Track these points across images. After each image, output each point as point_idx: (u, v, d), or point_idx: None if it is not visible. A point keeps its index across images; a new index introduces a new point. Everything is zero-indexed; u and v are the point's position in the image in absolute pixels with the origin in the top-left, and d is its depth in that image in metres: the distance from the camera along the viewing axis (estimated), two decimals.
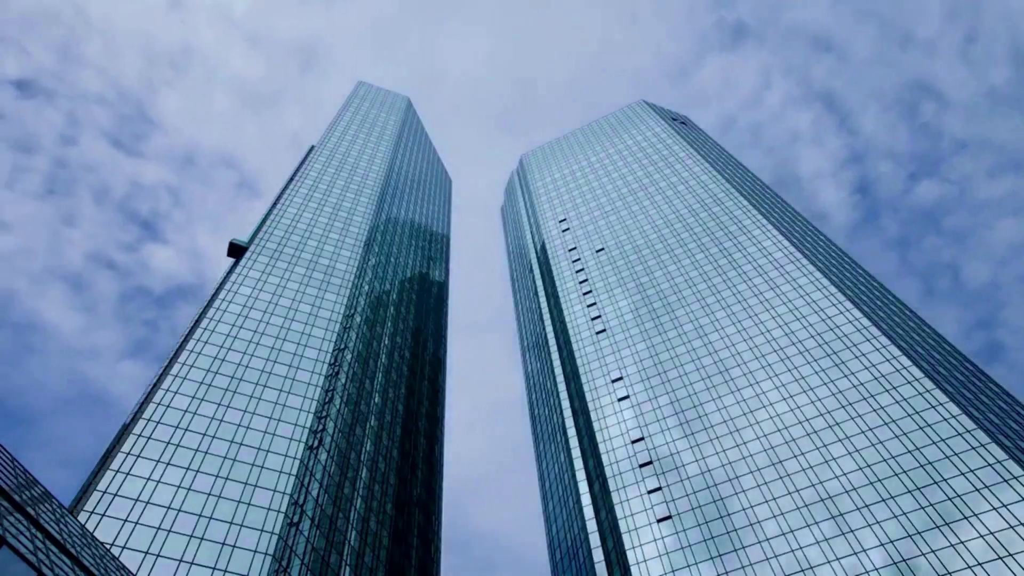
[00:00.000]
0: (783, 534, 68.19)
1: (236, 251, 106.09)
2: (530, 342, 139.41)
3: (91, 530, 56.48)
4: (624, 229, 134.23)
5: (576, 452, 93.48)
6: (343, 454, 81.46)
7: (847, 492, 68.85)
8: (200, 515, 61.85)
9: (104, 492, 60.30)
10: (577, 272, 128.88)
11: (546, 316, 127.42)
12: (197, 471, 66.02)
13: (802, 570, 64.29)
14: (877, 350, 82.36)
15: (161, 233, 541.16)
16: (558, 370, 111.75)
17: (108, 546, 55.51)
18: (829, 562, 63.71)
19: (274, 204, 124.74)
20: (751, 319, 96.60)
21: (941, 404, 72.42)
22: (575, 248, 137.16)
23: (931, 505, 63.87)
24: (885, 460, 69.83)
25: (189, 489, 63.88)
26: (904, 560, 60.82)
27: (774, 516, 70.29)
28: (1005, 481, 62.72)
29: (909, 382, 76.56)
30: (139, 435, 67.28)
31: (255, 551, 60.56)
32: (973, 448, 66.72)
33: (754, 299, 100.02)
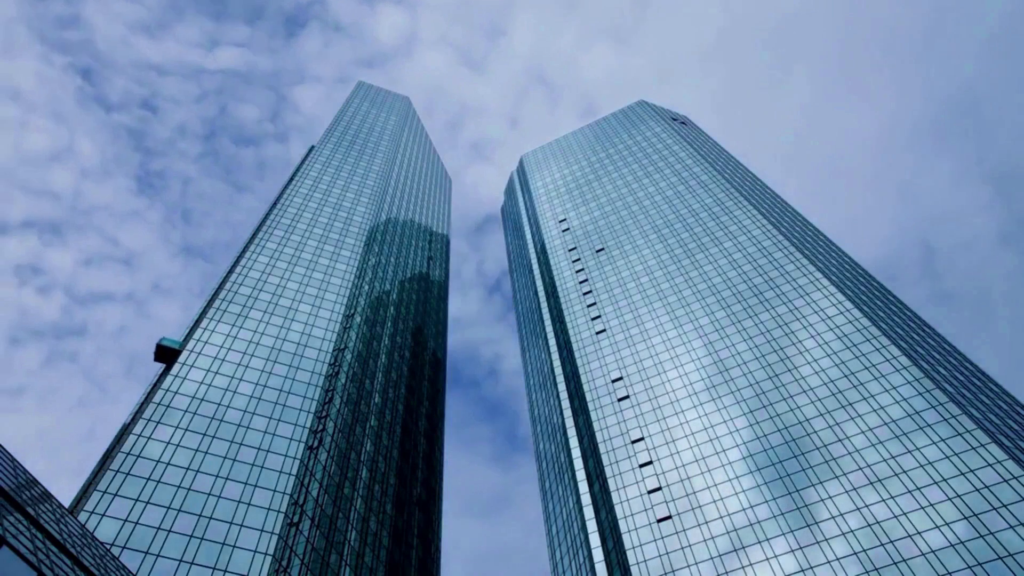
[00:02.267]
0: (783, 534, 68.19)
1: (165, 355, 79.38)
2: (530, 342, 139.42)
3: (91, 530, 56.48)
4: (624, 229, 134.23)
5: (576, 452, 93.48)
6: (343, 454, 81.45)
7: (847, 492, 68.85)
8: (200, 515, 61.86)
9: (104, 492, 60.31)
10: (577, 272, 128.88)
11: (546, 316, 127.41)
12: (197, 471, 66.03)
13: (802, 570, 64.30)
14: (877, 350, 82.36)
15: None
16: (558, 370, 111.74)
17: (108, 546, 55.50)
18: (829, 562, 63.71)
19: (274, 204, 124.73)
20: (751, 319, 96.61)
21: (941, 404, 72.42)
22: (575, 248, 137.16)
23: (931, 505, 63.87)
24: (885, 460, 69.83)
25: (189, 489, 63.88)
26: (904, 560, 60.82)
27: (774, 516, 70.29)
28: (1005, 481, 62.72)
29: (909, 382, 76.56)
30: (139, 435, 67.29)
31: (255, 551, 60.57)
32: (973, 448, 66.72)
33: (754, 299, 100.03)
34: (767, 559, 66.74)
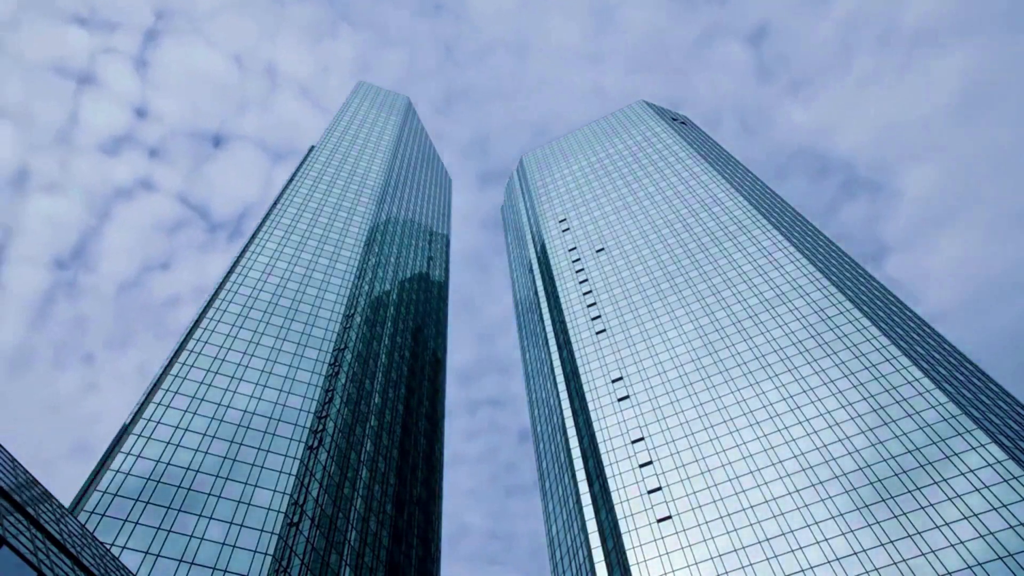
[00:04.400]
0: (783, 534, 68.20)
1: None
2: (530, 342, 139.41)
3: (91, 530, 56.48)
4: (624, 229, 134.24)
5: (576, 452, 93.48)
6: (343, 454, 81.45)
7: (847, 492, 68.87)
8: (200, 515, 61.86)
9: (104, 492, 60.31)
10: (577, 272, 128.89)
11: (546, 316, 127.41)
12: (197, 471, 66.04)
13: (802, 570, 64.29)
14: (877, 350, 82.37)
15: None
16: (558, 370, 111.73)
17: (108, 546, 55.49)
18: (829, 562, 63.72)
19: (274, 204, 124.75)
20: (751, 319, 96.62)
21: (941, 404, 72.43)
22: (575, 248, 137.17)
23: (931, 505, 63.87)
24: (885, 460, 69.85)
25: (189, 489, 63.89)
26: (904, 560, 60.82)
27: (774, 516, 70.30)
28: (1005, 481, 62.73)
29: (909, 382, 76.57)
30: (139, 435, 67.30)
31: (255, 551, 60.57)
32: (973, 448, 66.73)
33: (754, 299, 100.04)
34: (767, 559, 66.75)
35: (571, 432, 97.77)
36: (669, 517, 75.35)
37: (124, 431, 69.96)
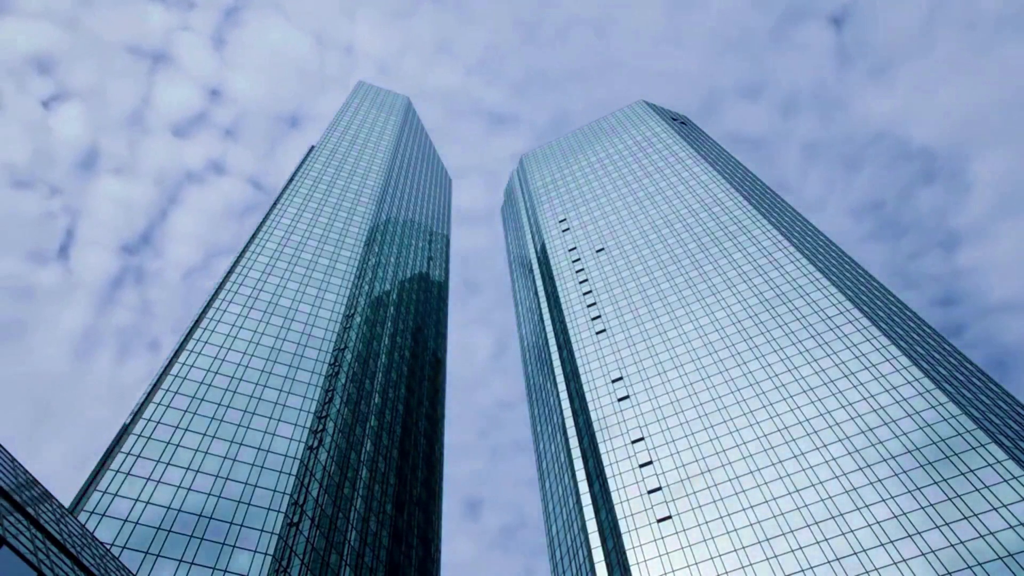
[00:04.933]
0: (783, 534, 68.19)
1: None
2: (530, 342, 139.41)
3: (91, 530, 56.48)
4: (624, 229, 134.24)
5: (576, 452, 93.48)
6: (343, 454, 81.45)
7: (847, 492, 68.86)
8: (200, 515, 61.85)
9: (104, 492, 60.31)
10: (577, 272, 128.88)
11: (546, 316, 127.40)
12: (197, 471, 66.03)
13: (802, 570, 64.28)
14: (877, 350, 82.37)
15: None
16: (558, 370, 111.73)
17: (108, 546, 55.50)
18: (829, 562, 63.72)
19: (274, 204, 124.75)
20: (751, 319, 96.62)
21: (941, 404, 72.43)
22: (575, 248, 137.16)
23: (931, 505, 63.87)
24: (885, 460, 69.84)
25: (189, 489, 63.88)
26: (904, 560, 60.81)
27: (774, 516, 70.30)
28: (1005, 481, 62.73)
29: (909, 382, 76.57)
30: (139, 435, 67.29)
31: (255, 551, 60.56)
32: (973, 448, 66.72)
33: (754, 299, 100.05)
34: (767, 559, 66.74)
35: (571, 432, 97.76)
36: (669, 517, 75.34)
37: (124, 431, 69.95)
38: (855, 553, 63.34)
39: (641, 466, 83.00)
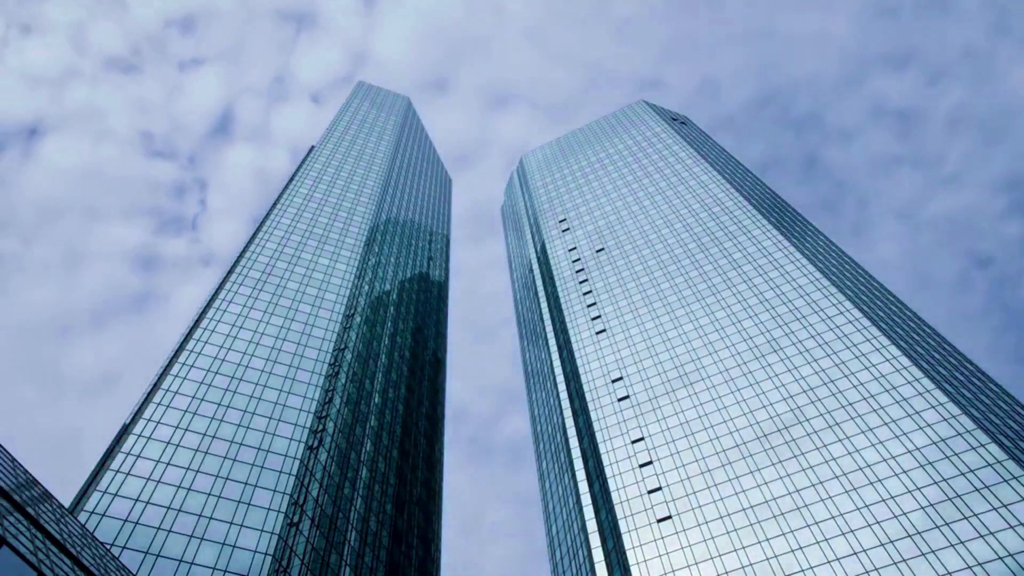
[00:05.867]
0: (783, 534, 68.19)
1: None
2: (530, 342, 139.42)
3: (91, 530, 56.48)
4: (624, 229, 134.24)
5: (576, 452, 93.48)
6: (343, 454, 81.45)
7: (847, 492, 68.86)
8: (200, 515, 61.86)
9: (104, 492, 60.31)
10: (577, 272, 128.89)
11: (546, 316, 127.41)
12: (197, 471, 66.03)
13: (802, 570, 64.29)
14: (877, 350, 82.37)
15: None
16: (558, 370, 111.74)
17: (108, 546, 55.50)
18: (829, 562, 63.72)
19: (274, 204, 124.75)
20: (751, 319, 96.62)
21: (941, 404, 72.43)
22: (575, 248, 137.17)
23: (931, 505, 63.87)
24: (885, 460, 69.84)
25: (189, 489, 63.88)
26: (904, 560, 60.81)
27: (774, 516, 70.29)
28: (1005, 481, 62.72)
29: (909, 382, 76.56)
30: (139, 435, 67.29)
31: (255, 551, 60.57)
32: (973, 448, 66.73)
33: (754, 299, 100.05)
34: (767, 559, 66.74)
35: (571, 432, 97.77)
36: (669, 517, 75.34)
37: (124, 431, 69.96)
38: (855, 553, 63.34)
39: (641, 466, 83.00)
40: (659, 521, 75.46)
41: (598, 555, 77.34)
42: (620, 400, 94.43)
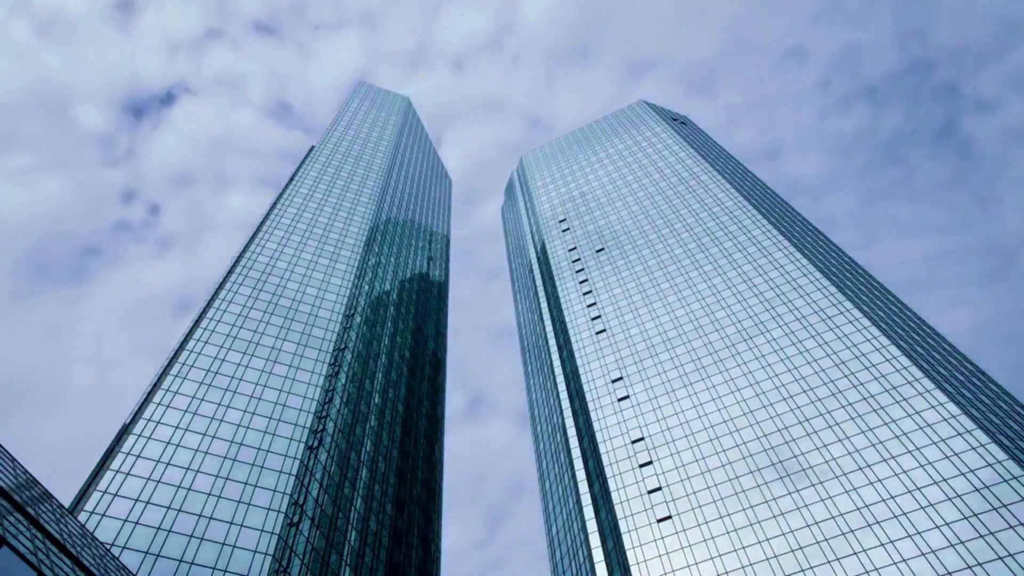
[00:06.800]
0: (783, 534, 68.19)
1: None
2: (530, 342, 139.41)
3: (91, 530, 56.48)
4: (624, 229, 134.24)
5: (576, 452, 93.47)
6: (343, 454, 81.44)
7: (847, 492, 68.86)
8: (200, 515, 61.85)
9: (104, 492, 60.30)
10: (577, 272, 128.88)
11: (546, 316, 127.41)
12: (197, 471, 66.02)
13: (802, 570, 64.28)
14: (877, 350, 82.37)
15: None
16: (558, 370, 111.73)
17: (108, 546, 55.50)
18: (829, 562, 63.71)
19: (274, 204, 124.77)
20: (751, 319, 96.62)
21: (941, 404, 72.43)
22: (575, 248, 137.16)
23: (931, 505, 63.87)
24: (885, 461, 69.84)
25: (189, 489, 63.87)
26: (904, 560, 60.82)
27: (774, 516, 70.29)
28: (1005, 481, 62.72)
29: (909, 382, 76.56)
30: (139, 435, 67.29)
31: (255, 551, 60.56)
32: (973, 448, 66.72)
33: (754, 299, 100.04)
34: (767, 559, 66.74)
35: (571, 432, 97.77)
36: (669, 517, 75.34)
37: (124, 431, 69.95)
38: (855, 553, 63.34)
39: (641, 466, 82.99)
40: (659, 521, 75.45)
41: (598, 555, 77.34)
42: (620, 400, 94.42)
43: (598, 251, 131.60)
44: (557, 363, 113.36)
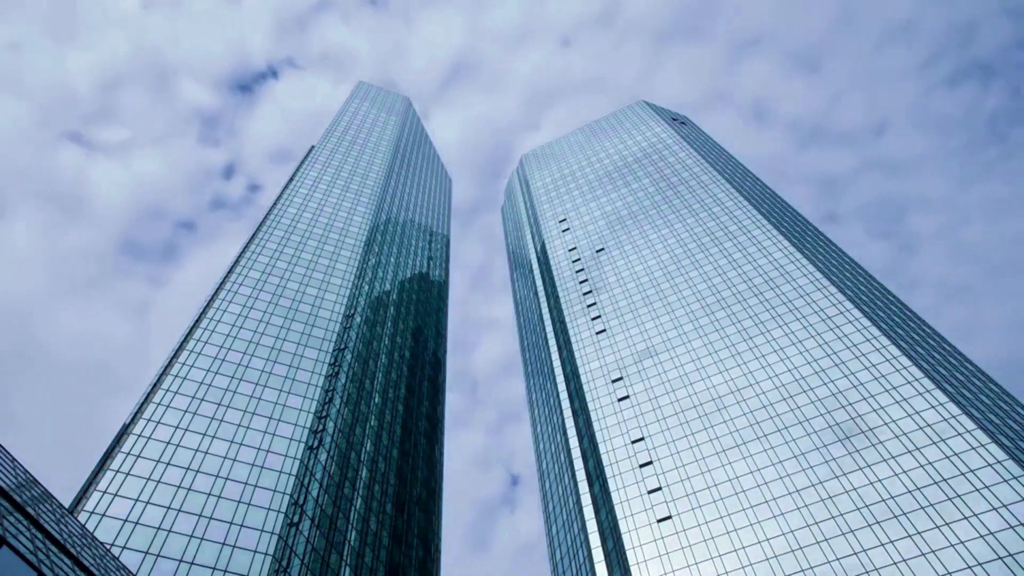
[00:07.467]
0: (783, 534, 68.19)
1: None
2: (530, 342, 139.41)
3: (91, 530, 56.48)
4: (624, 229, 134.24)
5: (576, 452, 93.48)
6: (343, 454, 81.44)
7: (847, 492, 68.88)
8: (200, 515, 61.86)
9: (104, 492, 60.31)
10: (577, 272, 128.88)
11: (546, 316, 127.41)
12: (197, 471, 66.02)
13: (802, 570, 64.29)
14: (877, 350, 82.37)
15: None
16: (558, 370, 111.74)
17: (108, 546, 55.50)
18: (829, 562, 63.72)
19: (274, 204, 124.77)
20: (751, 319, 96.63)
21: (941, 404, 72.43)
22: (575, 248, 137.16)
23: (931, 505, 63.87)
24: (885, 460, 69.84)
25: (189, 489, 63.87)
26: (904, 560, 60.82)
27: (774, 516, 70.29)
28: (1005, 481, 62.73)
29: (909, 382, 76.56)
30: (139, 435, 67.29)
31: (255, 551, 60.57)
32: (973, 448, 66.73)
33: (754, 299, 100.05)
34: (767, 559, 66.74)
35: (571, 432, 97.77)
36: (669, 517, 75.34)
37: (124, 431, 69.96)
38: (855, 553, 63.34)
39: (641, 466, 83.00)
40: (659, 521, 75.45)
41: (598, 555, 77.34)
42: (620, 400, 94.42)
43: (598, 251, 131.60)
44: (557, 363, 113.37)
